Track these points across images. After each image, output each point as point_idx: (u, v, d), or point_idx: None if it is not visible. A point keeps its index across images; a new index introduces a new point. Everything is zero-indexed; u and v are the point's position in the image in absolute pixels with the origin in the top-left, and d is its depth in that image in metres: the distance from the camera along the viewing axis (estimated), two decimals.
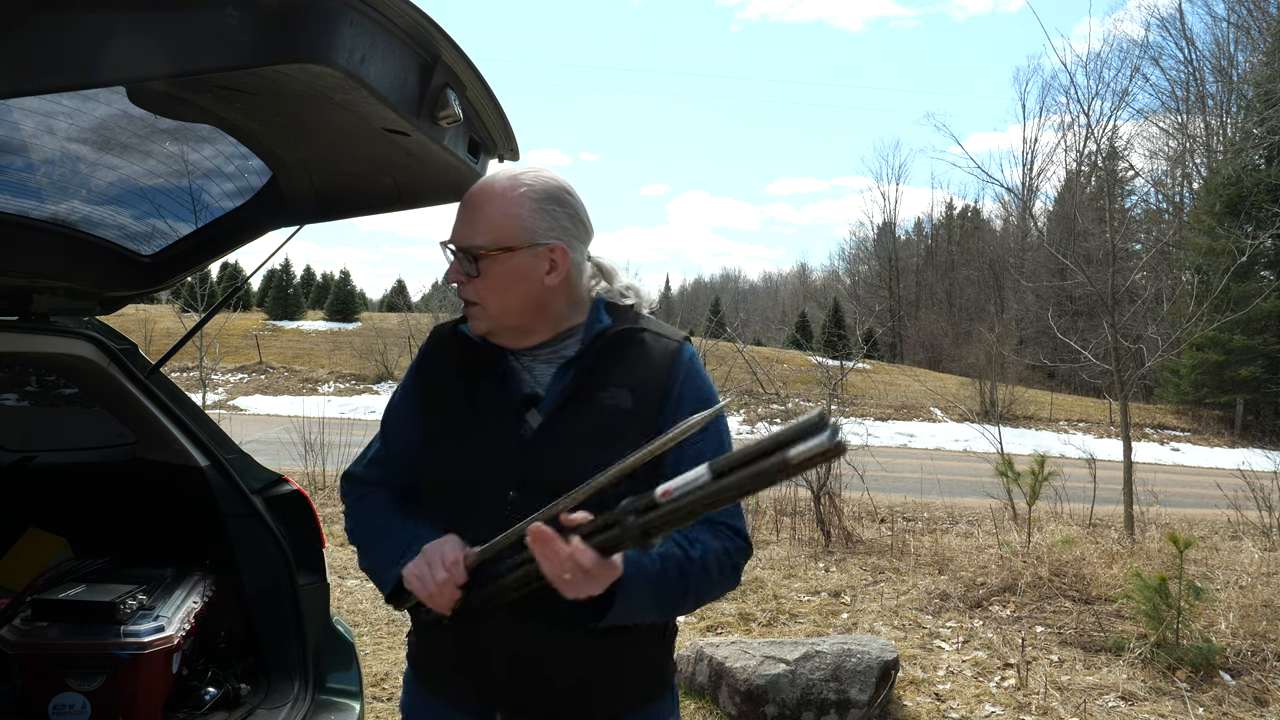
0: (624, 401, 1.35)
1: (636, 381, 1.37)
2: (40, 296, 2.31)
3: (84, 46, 1.03)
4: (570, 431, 1.34)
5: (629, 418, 1.34)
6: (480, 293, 1.36)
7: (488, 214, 1.36)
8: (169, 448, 2.70)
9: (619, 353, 1.39)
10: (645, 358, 1.39)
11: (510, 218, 1.36)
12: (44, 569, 2.47)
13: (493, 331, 1.40)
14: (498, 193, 1.37)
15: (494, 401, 1.39)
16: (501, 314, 1.38)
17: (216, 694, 2.38)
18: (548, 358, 1.42)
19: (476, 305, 1.38)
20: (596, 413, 1.35)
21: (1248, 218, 21.51)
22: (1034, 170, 45.06)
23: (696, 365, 1.42)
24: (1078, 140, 39.51)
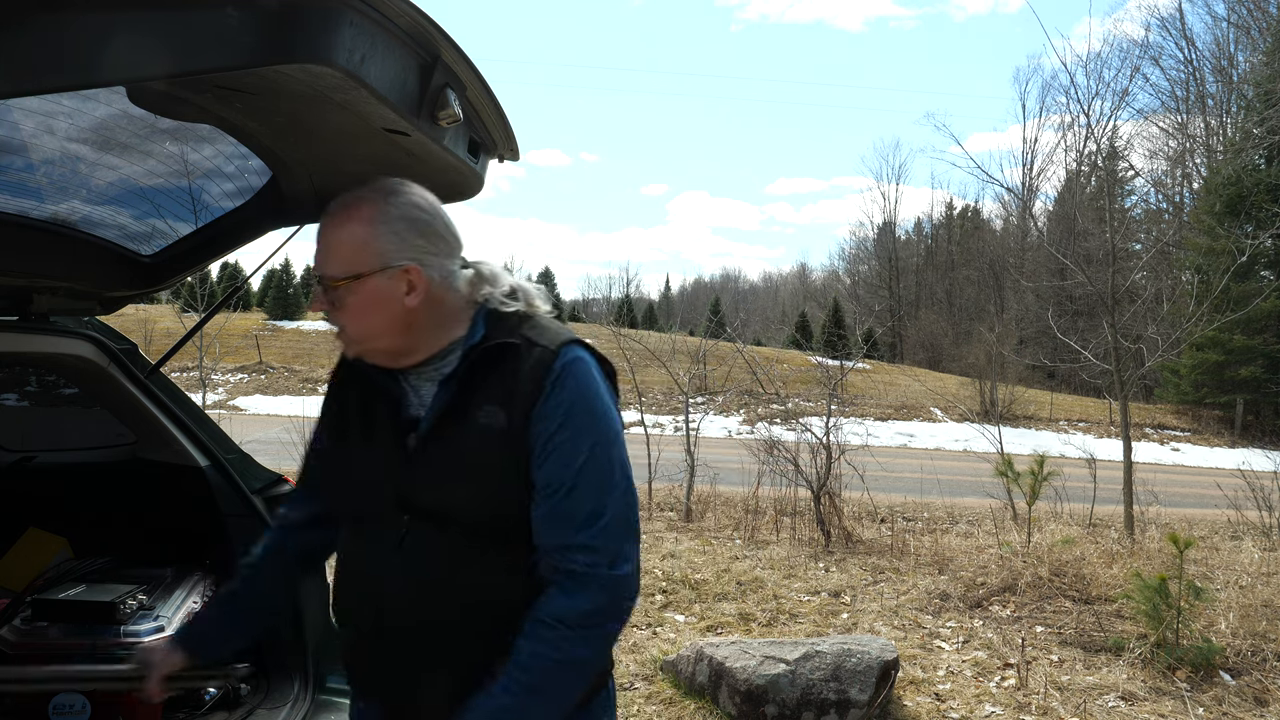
0: (497, 420, 1.30)
1: (509, 396, 1.30)
2: (40, 296, 2.31)
3: (84, 46, 1.03)
4: (440, 453, 1.33)
5: (501, 437, 1.29)
6: (342, 319, 1.35)
7: (337, 243, 1.33)
8: (169, 448, 2.70)
9: (493, 367, 1.33)
10: (517, 370, 1.31)
11: (358, 245, 1.31)
12: (44, 569, 2.47)
13: (364, 355, 1.39)
14: (346, 220, 1.33)
15: (384, 426, 1.41)
16: (365, 338, 1.36)
17: (216, 694, 2.38)
18: (430, 375, 1.39)
19: (344, 331, 1.37)
20: (468, 433, 1.31)
21: (1248, 218, 21.51)
22: (1034, 170, 45.09)
23: (572, 372, 1.31)
24: (1078, 140, 39.54)
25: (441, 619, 1.33)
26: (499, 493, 1.31)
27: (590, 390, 1.33)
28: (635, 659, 4.32)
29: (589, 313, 54.13)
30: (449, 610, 1.33)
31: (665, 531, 7.59)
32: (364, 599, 1.40)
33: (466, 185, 1.74)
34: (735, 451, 10.30)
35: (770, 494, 8.13)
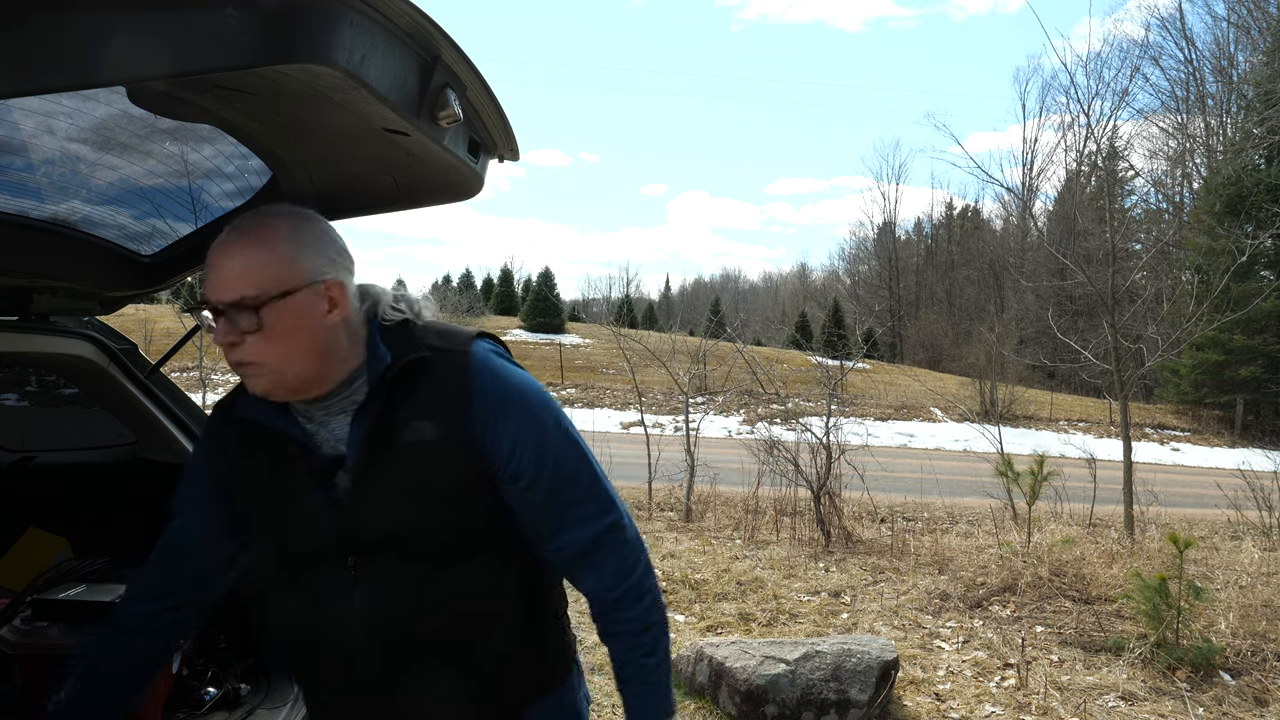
0: (428, 433, 1.26)
1: (433, 408, 1.27)
2: (40, 296, 2.31)
3: (84, 46, 1.03)
4: (379, 484, 1.27)
5: (439, 447, 1.26)
6: (260, 350, 1.22)
7: (252, 261, 1.21)
8: (169, 448, 2.70)
9: (410, 385, 1.28)
10: (436, 380, 1.29)
11: (280, 260, 1.22)
12: (44, 569, 2.47)
13: (272, 391, 1.26)
14: (254, 238, 1.23)
15: (294, 475, 1.31)
16: (284, 367, 1.24)
17: (216, 694, 2.37)
18: (340, 407, 1.31)
19: (254, 365, 1.23)
20: (403, 455, 1.26)
21: (1248, 218, 21.52)
22: (1034, 170, 45.13)
23: (491, 364, 1.31)
24: (1078, 140, 39.56)
25: (420, 646, 1.30)
26: (454, 506, 1.27)
27: (513, 377, 1.32)
28: None
29: (589, 313, 54.10)
30: (428, 634, 1.29)
31: (665, 531, 7.58)
32: (327, 654, 1.33)
33: (466, 185, 1.74)
34: (735, 451, 10.30)
35: (770, 494, 8.13)
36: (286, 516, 1.32)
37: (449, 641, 1.31)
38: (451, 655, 1.32)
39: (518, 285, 50.20)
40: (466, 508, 1.28)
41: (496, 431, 1.27)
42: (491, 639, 1.33)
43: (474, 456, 1.27)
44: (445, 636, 1.30)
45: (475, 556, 1.30)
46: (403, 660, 1.30)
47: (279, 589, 1.36)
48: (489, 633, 1.33)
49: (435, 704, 1.33)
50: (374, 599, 1.28)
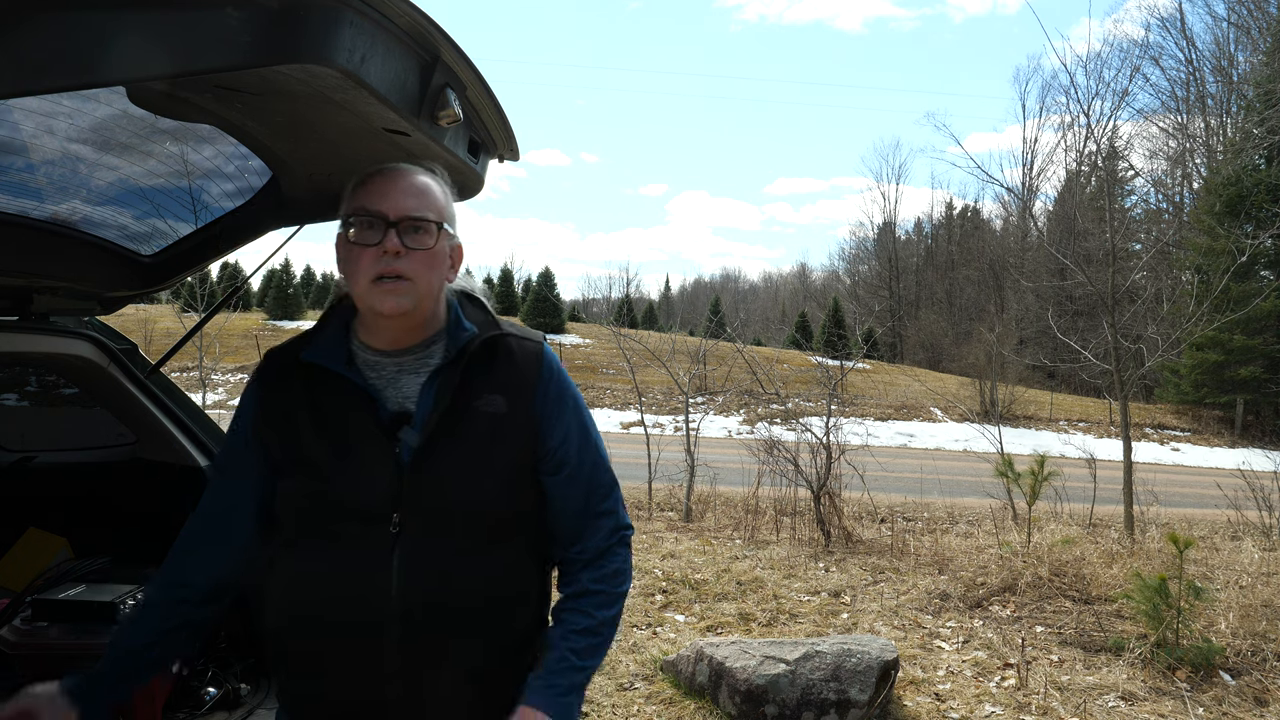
0: (499, 406, 1.35)
1: (506, 385, 1.37)
2: (40, 296, 2.31)
3: (84, 46, 1.03)
4: (452, 445, 1.31)
5: (507, 422, 1.35)
6: (419, 267, 1.32)
7: (431, 192, 1.36)
8: (169, 448, 2.70)
9: (487, 360, 1.38)
10: (512, 362, 1.39)
11: (445, 202, 1.38)
12: (44, 569, 2.47)
13: (406, 314, 1.33)
14: (428, 178, 1.38)
15: (355, 425, 1.33)
16: (428, 291, 1.34)
17: (216, 694, 2.38)
18: (414, 367, 1.37)
19: (408, 282, 1.31)
20: (473, 422, 1.33)
21: (1248, 218, 21.52)
22: (1034, 170, 45.12)
23: (557, 363, 1.45)
24: (1078, 140, 39.57)
25: (451, 618, 1.30)
26: (507, 481, 1.34)
27: (569, 379, 1.46)
28: (635, 659, 4.32)
29: (589, 313, 54.11)
30: (460, 608, 1.30)
31: (665, 531, 7.58)
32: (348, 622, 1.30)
33: (466, 185, 1.75)
34: (735, 451, 10.30)
35: (770, 494, 8.13)
36: (340, 466, 1.32)
37: (478, 619, 1.32)
38: (478, 632, 1.33)
39: (518, 285, 50.19)
40: (516, 485, 1.35)
41: (553, 419, 1.39)
42: (514, 623, 1.37)
43: (531, 438, 1.36)
44: (475, 613, 1.32)
45: (510, 540, 1.36)
46: (431, 631, 1.29)
47: (302, 550, 1.34)
48: (513, 616, 1.37)
49: (453, 683, 1.32)
50: (413, 563, 1.28)
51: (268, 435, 1.39)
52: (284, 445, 1.37)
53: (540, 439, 1.37)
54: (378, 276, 1.30)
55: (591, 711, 3.76)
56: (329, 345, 1.39)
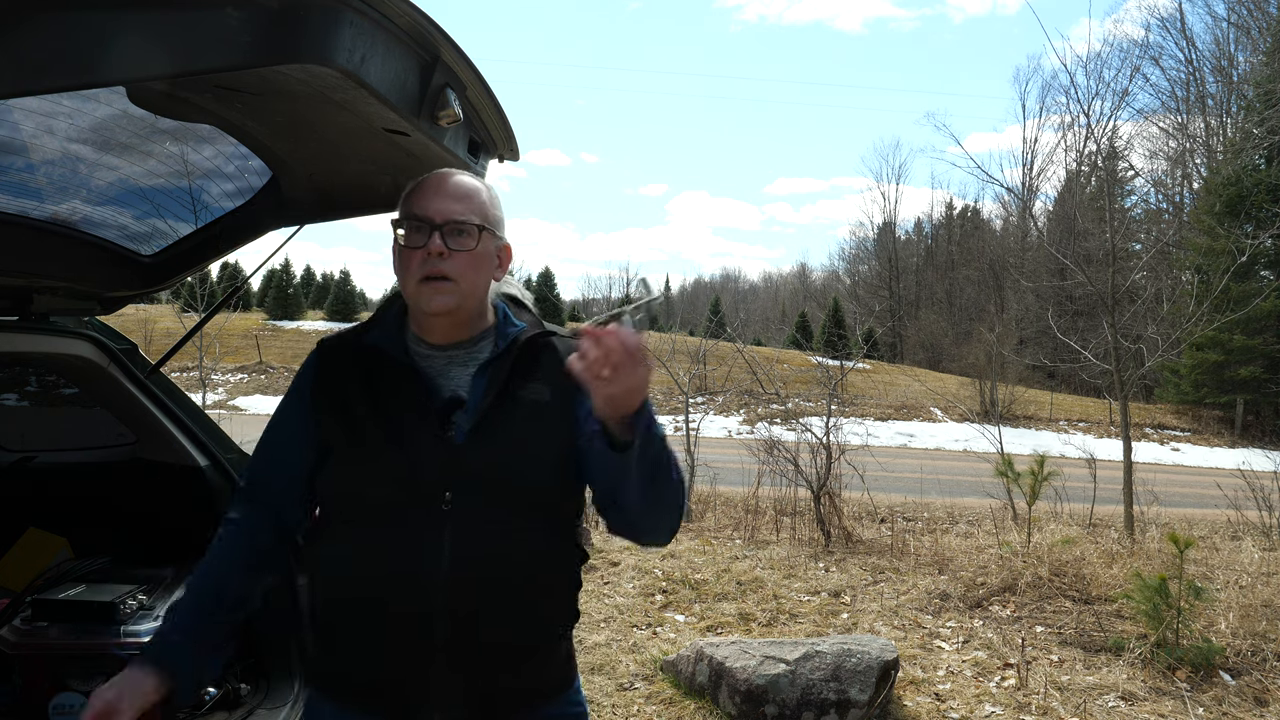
0: (543, 395, 1.44)
1: (550, 378, 1.45)
2: (40, 296, 2.31)
3: (84, 46, 1.03)
4: (502, 427, 1.40)
5: (551, 410, 1.43)
6: (459, 268, 1.39)
7: (476, 196, 1.43)
8: (169, 448, 2.70)
9: (533, 354, 1.47)
10: (555, 358, 1.47)
11: (490, 205, 1.45)
12: (44, 569, 2.47)
13: (451, 312, 1.41)
14: (474, 182, 1.45)
15: (410, 408, 1.40)
16: (469, 294, 1.41)
17: (216, 694, 2.37)
18: (463, 360, 1.46)
19: (452, 282, 1.39)
20: (522, 408, 1.42)
21: (1248, 218, 21.51)
22: (1034, 170, 45.12)
23: None
24: (1078, 140, 39.55)
25: (501, 592, 1.36)
26: (553, 464, 1.41)
27: None
28: (635, 659, 4.32)
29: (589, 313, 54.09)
30: (510, 581, 1.37)
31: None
32: (402, 594, 1.35)
33: None
34: (735, 451, 10.30)
35: (770, 494, 8.12)
36: (394, 446, 1.38)
37: (523, 595, 1.38)
38: (523, 608, 1.39)
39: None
40: (561, 468, 1.42)
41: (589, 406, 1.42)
42: (555, 602, 1.45)
43: (573, 425, 1.43)
44: (521, 589, 1.38)
45: (554, 521, 1.44)
46: (480, 605, 1.35)
47: (352, 528, 1.40)
48: (555, 595, 1.45)
49: (496, 657, 1.37)
50: (464, 539, 1.35)
51: (324, 409, 1.46)
52: (340, 421, 1.43)
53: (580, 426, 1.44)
54: (424, 277, 1.38)
55: (591, 712, 3.76)
56: (389, 333, 1.48)
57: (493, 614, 1.36)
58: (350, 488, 1.41)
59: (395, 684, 1.37)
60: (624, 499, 1.36)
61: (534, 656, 1.43)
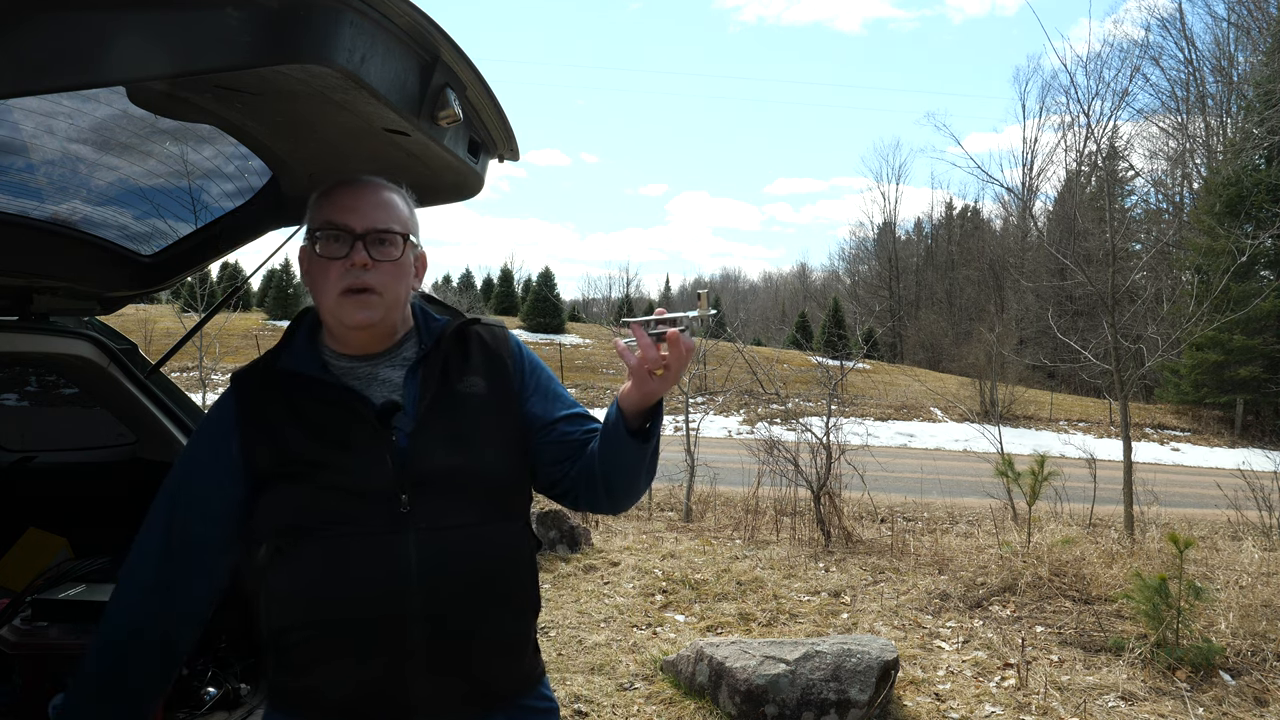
0: (480, 387, 1.44)
1: (483, 368, 1.46)
2: (40, 296, 2.31)
3: (84, 46, 1.03)
4: (445, 423, 1.38)
5: (490, 400, 1.44)
6: (387, 279, 1.37)
7: (400, 204, 1.41)
8: (169, 448, 2.70)
9: (461, 345, 1.48)
10: (483, 346, 1.49)
11: (409, 213, 1.43)
12: (44, 569, 2.47)
13: (377, 322, 1.39)
14: (391, 188, 1.43)
15: (347, 423, 1.36)
16: (392, 305, 1.39)
17: (216, 694, 2.37)
18: (390, 363, 1.43)
19: (376, 295, 1.36)
20: (461, 401, 1.41)
21: (1248, 218, 21.52)
22: (1034, 170, 45.14)
23: (518, 341, 1.57)
24: (1078, 140, 39.55)
25: (469, 586, 1.34)
26: (501, 452, 1.41)
27: (535, 355, 1.58)
28: (635, 659, 4.32)
29: (589, 313, 54.08)
30: (477, 576, 1.35)
31: (665, 531, 7.58)
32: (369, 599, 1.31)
33: (466, 185, 1.75)
34: (735, 451, 10.30)
35: (770, 494, 8.12)
36: (340, 459, 1.35)
37: (490, 588, 1.37)
38: (492, 601, 1.37)
39: (518, 285, 50.20)
40: (509, 457, 1.43)
41: (529, 385, 1.50)
42: (521, 593, 1.44)
43: (516, 413, 1.46)
44: (494, 581, 1.37)
45: (509, 511, 1.43)
46: (451, 602, 1.33)
47: (308, 547, 1.33)
48: (520, 585, 1.43)
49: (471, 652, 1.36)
50: (426, 538, 1.33)
51: (256, 440, 1.38)
52: (274, 451, 1.36)
53: (523, 405, 1.47)
54: (346, 289, 1.35)
55: (591, 711, 3.76)
56: (302, 354, 1.43)
57: (468, 611, 1.34)
58: (299, 511, 1.34)
59: (374, 695, 1.33)
60: (619, 479, 1.40)
61: (511, 650, 1.42)
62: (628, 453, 1.36)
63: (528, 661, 1.47)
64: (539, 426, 1.47)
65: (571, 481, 1.45)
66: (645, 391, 1.31)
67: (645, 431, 1.35)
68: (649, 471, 1.42)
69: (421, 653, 1.32)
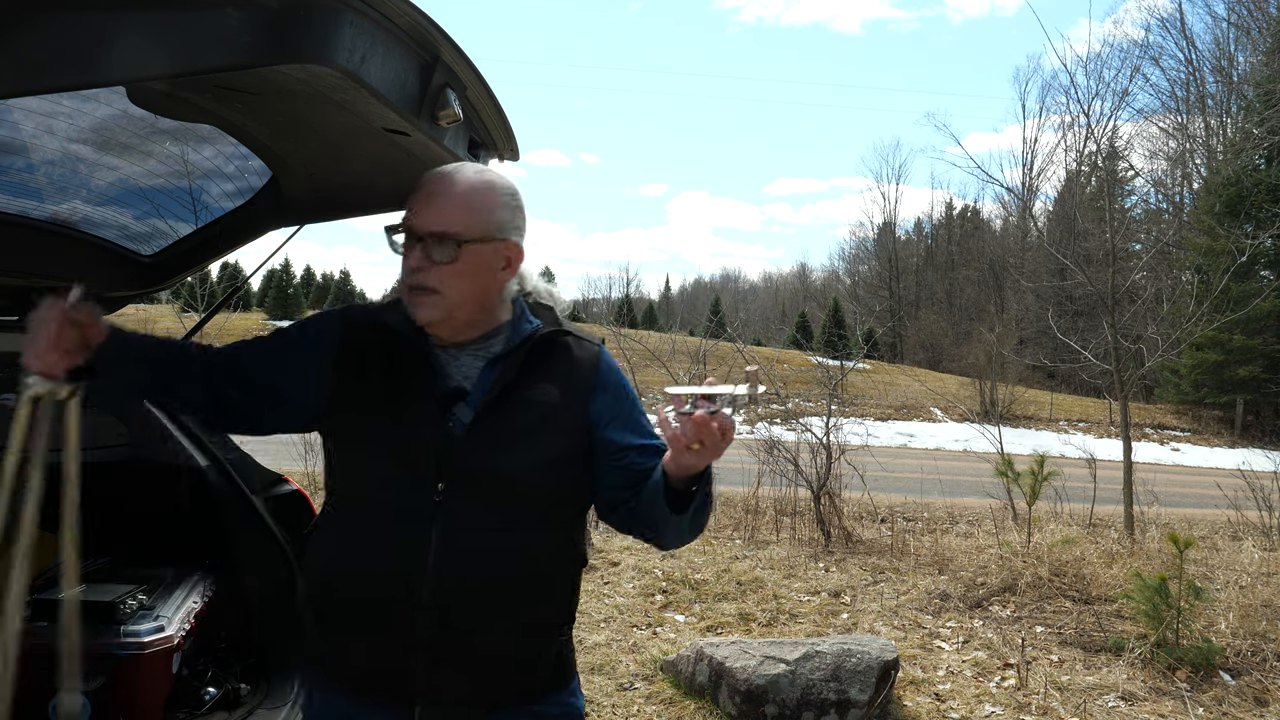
0: (551, 396, 1.42)
1: (563, 379, 1.44)
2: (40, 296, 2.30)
3: (84, 46, 1.03)
4: (503, 424, 1.38)
5: (557, 411, 1.41)
6: (443, 280, 1.35)
7: (465, 204, 1.37)
8: (169, 448, 2.70)
9: (545, 353, 1.45)
10: (569, 358, 1.47)
11: (484, 210, 1.38)
12: (44, 569, 2.47)
13: (439, 322, 1.39)
14: (469, 184, 1.38)
15: (415, 393, 1.39)
16: (458, 305, 1.38)
17: (216, 694, 2.38)
18: (474, 353, 1.44)
19: (435, 294, 1.36)
20: (526, 407, 1.40)
21: (1248, 218, 21.51)
22: (1034, 170, 45.09)
23: (612, 364, 1.52)
24: (1078, 140, 39.50)
25: (485, 591, 1.34)
26: (553, 465, 1.39)
27: (626, 380, 1.54)
28: (635, 659, 4.32)
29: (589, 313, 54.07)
30: (495, 577, 1.35)
31: None
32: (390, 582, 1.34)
33: None
34: (735, 451, 10.25)
35: (770, 494, 8.12)
36: (394, 428, 1.37)
37: (505, 596, 1.36)
38: (504, 609, 1.36)
39: None
40: (559, 472, 1.40)
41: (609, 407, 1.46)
42: (540, 608, 1.41)
43: (584, 434, 1.43)
44: (503, 590, 1.36)
45: (544, 523, 1.41)
46: (461, 602, 1.33)
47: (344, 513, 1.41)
48: (540, 600, 1.41)
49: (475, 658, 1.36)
50: (450, 532, 1.33)
51: (344, 368, 1.42)
52: (355, 387, 1.41)
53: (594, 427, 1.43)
54: (410, 287, 1.38)
55: (591, 711, 3.76)
56: (405, 319, 1.43)
57: (477, 612, 1.34)
58: (353, 469, 1.42)
59: (378, 674, 1.37)
60: (664, 529, 1.39)
61: (519, 657, 1.41)
62: (661, 513, 1.35)
63: (544, 670, 1.45)
64: (611, 450, 1.44)
65: (630, 510, 1.43)
66: (681, 464, 1.27)
67: (687, 496, 1.32)
68: (692, 529, 1.39)
69: (426, 645, 1.34)
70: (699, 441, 1.22)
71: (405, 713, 1.37)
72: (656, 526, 1.40)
